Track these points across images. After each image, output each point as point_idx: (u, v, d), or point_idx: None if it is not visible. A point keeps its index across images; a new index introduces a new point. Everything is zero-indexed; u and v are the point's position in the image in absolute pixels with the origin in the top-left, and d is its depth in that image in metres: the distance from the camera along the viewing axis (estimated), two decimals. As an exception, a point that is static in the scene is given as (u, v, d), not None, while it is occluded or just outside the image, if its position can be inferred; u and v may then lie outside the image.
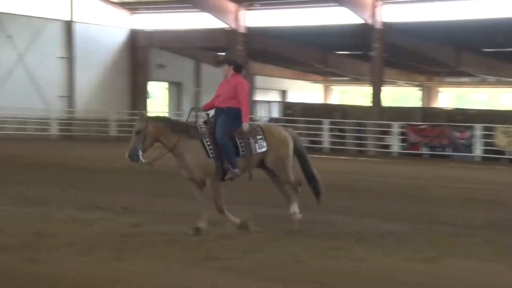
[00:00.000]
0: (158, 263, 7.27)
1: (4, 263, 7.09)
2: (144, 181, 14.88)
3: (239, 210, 9.54)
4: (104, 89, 36.04)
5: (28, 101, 32.25)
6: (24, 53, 32.94)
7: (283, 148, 9.39)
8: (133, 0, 36.65)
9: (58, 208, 10.83)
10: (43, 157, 19.92)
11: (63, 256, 7.48)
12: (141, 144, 8.80)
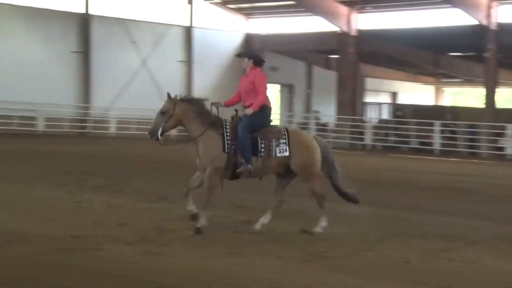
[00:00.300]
0: (270, 259, 7.30)
1: (127, 255, 7.33)
2: (255, 180, 14.97)
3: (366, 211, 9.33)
4: (219, 91, 36.52)
5: (150, 102, 33.26)
6: (147, 57, 34.06)
7: (309, 155, 8.82)
8: (248, 5, 37.12)
9: (177, 204, 11.09)
10: (162, 155, 20.44)
11: (180, 250, 7.65)
12: (163, 124, 8.76)
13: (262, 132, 8.77)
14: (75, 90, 32.06)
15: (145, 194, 12.17)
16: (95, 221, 9.08)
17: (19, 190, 11.96)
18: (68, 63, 31.82)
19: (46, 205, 10.52)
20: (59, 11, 31.44)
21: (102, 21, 32.70)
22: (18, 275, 6.46)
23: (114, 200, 11.14)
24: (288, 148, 8.73)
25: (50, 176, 14.34)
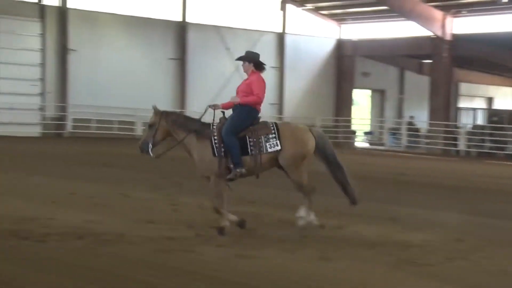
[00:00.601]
0: (361, 264, 7.23)
1: (220, 257, 7.42)
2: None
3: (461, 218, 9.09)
4: (310, 97, 36.67)
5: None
6: (240, 63, 34.38)
7: (298, 148, 8.65)
8: (341, 11, 36.94)
9: (268, 208, 11.14)
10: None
11: (272, 253, 7.68)
12: (152, 138, 8.81)
13: (250, 130, 8.66)
14: (171, 96, 32.82)
15: (237, 197, 12.28)
16: (189, 223, 9.25)
17: (118, 192, 12.33)
18: (165, 70, 32.63)
19: (143, 207, 10.81)
20: (158, 20, 32.31)
21: (198, 28, 33.34)
22: (116, 273, 6.66)
23: (207, 203, 11.31)
24: (279, 142, 8.61)
25: (148, 179, 14.71)
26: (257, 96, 8.74)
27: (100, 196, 11.69)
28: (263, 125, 8.75)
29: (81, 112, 29.67)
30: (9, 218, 9.04)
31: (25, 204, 10.50)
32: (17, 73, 28.34)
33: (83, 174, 15.39)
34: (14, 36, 28.51)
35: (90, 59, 30.35)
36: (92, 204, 10.78)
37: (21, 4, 28.97)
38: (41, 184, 13.14)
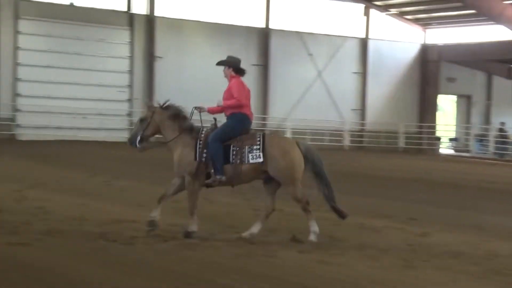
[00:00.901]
0: (444, 274, 7.07)
1: (301, 263, 7.42)
2: (427, 192, 14.60)
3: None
4: (393, 103, 36.14)
5: (324, 114, 33.62)
6: (322, 69, 34.36)
7: (284, 160, 8.45)
8: (426, 16, 36.28)
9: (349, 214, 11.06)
10: (337, 166, 20.50)
11: (352, 260, 7.62)
12: (142, 132, 8.85)
13: (237, 139, 8.55)
14: (253, 102, 32.73)
15: (318, 202, 12.24)
16: (271, 228, 9.28)
17: (202, 197, 12.49)
18: (248, 76, 32.42)
19: (226, 211, 10.93)
20: (241, 26, 32.65)
21: (281, 34, 33.46)
22: (199, 277, 6.75)
23: (288, 209, 11.32)
24: (263, 154, 8.44)
25: (230, 183, 14.85)
26: (236, 99, 8.70)
27: (185, 200, 11.87)
28: (250, 136, 8.64)
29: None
30: (97, 221, 9.32)
31: (112, 207, 10.80)
32: (106, 80, 29.25)
33: (167, 178, 15.67)
34: (104, 44, 29.45)
35: (175, 66, 30.99)
36: (177, 208, 10.96)
37: (111, 13, 29.87)
38: (128, 188, 13.49)
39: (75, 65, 28.55)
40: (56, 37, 28.33)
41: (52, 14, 28.25)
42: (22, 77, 27.79)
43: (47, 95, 27.88)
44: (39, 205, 10.48)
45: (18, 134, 27.56)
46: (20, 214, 9.59)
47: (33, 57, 27.88)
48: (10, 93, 27.71)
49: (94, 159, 20.33)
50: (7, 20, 27.43)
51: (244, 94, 8.80)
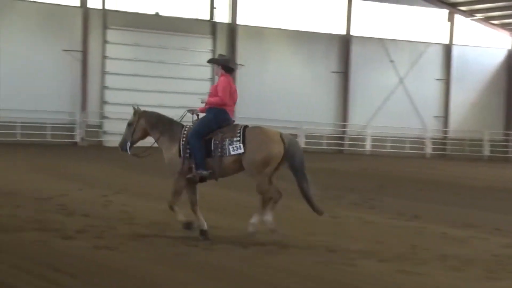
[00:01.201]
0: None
1: (382, 272, 7.31)
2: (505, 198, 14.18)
3: None
4: (478, 109, 35.20)
5: (405, 121, 33.08)
6: (404, 76, 33.84)
7: (259, 152, 8.45)
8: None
9: (431, 223, 10.83)
10: (418, 174, 20.18)
11: (434, 270, 7.44)
12: (131, 136, 9.07)
13: (218, 133, 8.66)
14: (333, 109, 32.90)
15: (399, 211, 12.06)
16: (350, 236, 9.20)
17: (281, 203, 12.53)
18: (328, 83, 32.80)
19: (305, 218, 10.89)
20: (322, 34, 32.59)
21: (362, 41, 33.21)
22: (277, 283, 6.75)
23: (368, 217, 11.21)
24: (243, 145, 8.48)
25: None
26: (219, 97, 8.78)
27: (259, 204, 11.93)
28: (231, 128, 8.72)
29: (247, 125, 30.52)
30: (177, 227, 9.47)
31: (191, 212, 10.95)
32: (188, 88, 29.76)
33: (248, 185, 15.78)
34: (187, 52, 30.01)
35: (256, 73, 31.22)
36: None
37: (194, 22, 30.42)
38: (207, 194, 13.63)
39: (159, 73, 29.24)
40: (141, 46, 29.10)
41: (138, 24, 29.04)
42: (109, 85, 28.64)
43: (133, 102, 28.52)
44: (123, 210, 10.76)
45: (105, 140, 28.39)
46: (106, 218, 9.86)
47: (119, 66, 28.72)
48: (98, 100, 28.61)
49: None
50: (96, 30, 28.37)
51: (229, 93, 8.91)
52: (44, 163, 18.87)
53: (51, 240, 8.18)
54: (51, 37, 27.70)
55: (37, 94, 27.26)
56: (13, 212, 9.98)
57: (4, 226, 8.84)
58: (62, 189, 13.01)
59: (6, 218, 9.45)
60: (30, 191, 12.50)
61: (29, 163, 18.76)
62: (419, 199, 14.36)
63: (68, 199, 11.65)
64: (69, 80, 27.98)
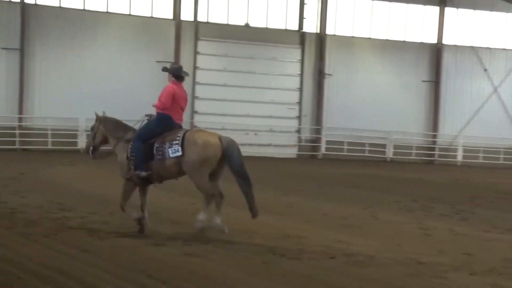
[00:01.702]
0: None
1: (471, 285, 7.10)
2: None
3: None
4: None
5: (499, 131, 32.03)
6: (498, 85, 32.82)
7: (195, 154, 8.86)
8: None
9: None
10: (510, 185, 19.48)
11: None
12: (93, 141, 9.72)
13: (161, 137, 9.08)
14: (423, 119, 32.26)
15: (492, 224, 11.67)
16: (440, 248, 8.98)
17: (368, 213, 12.39)
18: (418, 92, 32.22)
19: (392, 229, 10.72)
20: (412, 43, 32.10)
21: (454, 50, 32.49)
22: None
23: (459, 229, 10.91)
24: (182, 148, 8.89)
25: (398, 201, 14.58)
26: (161, 102, 9.28)
27: (351, 217, 11.84)
28: (173, 132, 9.12)
29: (334, 135, 30.43)
30: (266, 235, 9.52)
31: (280, 221, 10.98)
32: (277, 98, 29.97)
33: (335, 195, 15.72)
34: (276, 62, 30.19)
35: (344, 83, 31.07)
36: (343, 224, 10.96)
37: (284, 32, 30.58)
38: (295, 203, 13.66)
39: (248, 83, 29.55)
40: (231, 57, 29.52)
41: (228, 35, 29.47)
42: (199, 95, 29.19)
43: (222, 112, 29.06)
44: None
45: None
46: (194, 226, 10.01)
47: (209, 76, 29.23)
48: (189, 110, 29.18)
49: (264, 174, 20.80)
50: (187, 41, 29.01)
51: (173, 98, 9.28)
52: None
53: (143, 246, 8.40)
54: (145, 48, 28.48)
55: (131, 105, 28.05)
56: (106, 219, 10.30)
57: (98, 232, 9.13)
58: (153, 197, 13.32)
59: (99, 225, 9.76)
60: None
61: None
62: (507, 210, 13.87)
63: (159, 206, 11.91)
64: (161, 91, 28.66)
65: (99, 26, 27.84)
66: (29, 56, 26.39)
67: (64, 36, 27.27)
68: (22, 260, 7.32)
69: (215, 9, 29.80)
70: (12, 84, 26.35)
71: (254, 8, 30.27)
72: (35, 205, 11.43)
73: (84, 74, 27.48)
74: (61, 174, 17.64)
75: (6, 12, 26.40)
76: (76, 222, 9.85)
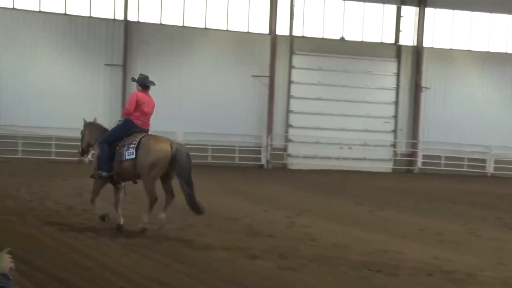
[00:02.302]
0: None
1: None
2: None
3: None
4: None
5: None
6: None
7: (144, 158, 9.73)
8: None
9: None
10: None
11: None
12: (81, 145, 10.97)
13: (123, 140, 10.02)
14: (507, 130, 31.05)
15: None
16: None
17: (466, 230, 12.03)
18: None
19: (493, 247, 10.36)
20: None
21: None
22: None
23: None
24: (136, 152, 9.80)
25: (498, 218, 14.08)
26: (125, 108, 10.42)
27: (448, 233, 11.53)
28: (133, 137, 10.02)
29: (431, 149, 29.79)
30: (360, 250, 9.41)
31: (375, 236, 10.83)
32: (371, 111, 29.66)
33: (432, 210, 15.35)
34: (371, 75, 29.91)
35: (441, 96, 30.41)
36: (440, 241, 10.68)
37: (379, 46, 30.28)
38: (391, 218, 13.44)
39: (343, 97, 29.42)
40: (326, 71, 29.50)
41: (324, 49, 29.49)
42: (293, 109, 29.30)
43: (316, 126, 29.05)
44: (306, 231, 10.89)
45: (289, 163, 29.02)
46: (289, 239, 10.04)
47: (304, 90, 29.31)
48: (283, 124, 29.36)
49: (358, 188, 20.61)
50: (283, 55, 29.21)
51: (137, 105, 10.22)
52: (232, 185, 19.64)
53: (238, 259, 8.48)
54: (241, 63, 28.89)
55: (227, 118, 28.54)
56: (203, 231, 10.48)
57: (195, 244, 9.30)
58: (248, 210, 13.48)
59: (196, 236, 9.93)
60: (219, 211, 13.06)
61: (218, 184, 19.62)
62: None
63: (254, 220, 12.02)
64: (256, 105, 29.00)
65: (196, 41, 28.49)
66: (130, 71, 27.33)
67: (163, 51, 28.07)
68: (123, 270, 7.55)
69: (310, 23, 29.88)
70: (114, 100, 27.29)
71: (349, 22, 30.14)
72: (135, 216, 11.78)
73: (182, 88, 28.17)
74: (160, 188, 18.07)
75: (111, 29, 27.45)
76: (174, 234, 10.06)
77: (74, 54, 27.01)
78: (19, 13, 26.45)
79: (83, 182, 17.76)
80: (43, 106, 26.41)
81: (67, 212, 12.00)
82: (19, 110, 25.72)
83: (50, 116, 26.36)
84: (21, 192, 14.83)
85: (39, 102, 26.41)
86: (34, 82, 26.43)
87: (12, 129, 19.46)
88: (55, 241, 9.09)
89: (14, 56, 26.25)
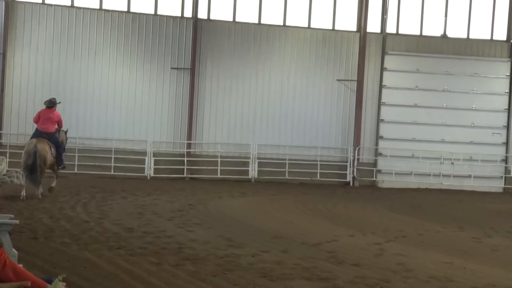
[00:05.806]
0: None
1: None
2: None
3: None
4: None
5: None
6: None
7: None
8: None
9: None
10: None
11: None
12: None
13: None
14: None
15: None
16: None
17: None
18: None
19: None
20: None
21: None
22: None
23: None
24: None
25: None
26: (34, 119, 18.07)
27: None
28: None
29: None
30: (462, 284, 9.24)
31: (481, 268, 10.62)
32: (478, 120, 29.07)
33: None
34: (478, 78, 29.32)
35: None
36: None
37: (488, 43, 29.69)
38: (501, 247, 13.15)
39: (444, 104, 29.00)
40: (424, 73, 29.14)
41: (421, 48, 29.16)
42: (385, 118, 29.00)
43: (411, 137, 28.71)
44: (399, 260, 10.79)
45: (379, 180, 28.70)
46: (379, 269, 9.97)
47: (397, 96, 28.98)
48: (373, 135, 29.08)
49: (462, 211, 20.23)
50: (374, 55, 29.02)
51: (40, 118, 17.78)
52: (312, 204, 19.64)
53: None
54: (325, 65, 28.83)
55: (308, 129, 28.56)
56: (279, 258, 10.53)
57: (270, 273, 9.35)
58: (331, 234, 13.45)
59: (272, 264, 9.98)
60: (297, 234, 13.09)
61: (297, 203, 19.65)
62: None
63: (338, 245, 11.99)
64: (341, 113, 28.90)
65: (274, 41, 28.68)
66: (199, 76, 27.75)
67: (237, 53, 28.38)
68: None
69: (406, 19, 29.60)
70: (182, 107, 27.73)
71: (453, 17, 29.69)
72: (202, 240, 11.95)
73: (257, 95, 28.36)
74: (230, 206, 18.30)
75: (179, 28, 27.94)
76: (247, 261, 10.15)
77: (138, 57, 27.65)
78: (78, 11, 27.33)
79: (145, 200, 18.20)
80: (101, 115, 27.16)
81: (127, 235, 12.29)
82: (74, 119, 26.53)
83: (110, 126, 27.10)
84: (77, 212, 15.29)
85: (97, 111, 27.18)
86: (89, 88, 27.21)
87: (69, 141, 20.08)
88: (114, 267, 9.33)
89: (71, 58, 27.11)
